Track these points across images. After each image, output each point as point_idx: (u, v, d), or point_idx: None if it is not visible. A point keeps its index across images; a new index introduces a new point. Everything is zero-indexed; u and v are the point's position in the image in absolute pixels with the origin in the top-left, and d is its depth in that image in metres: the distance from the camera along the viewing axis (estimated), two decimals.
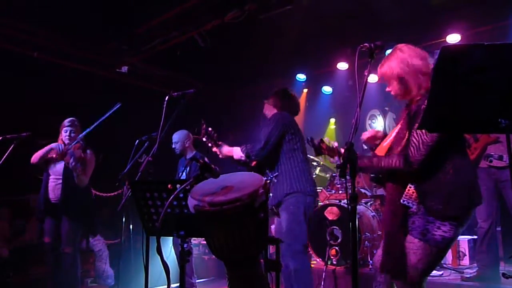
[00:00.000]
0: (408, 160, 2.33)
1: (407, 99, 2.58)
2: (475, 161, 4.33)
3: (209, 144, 3.79)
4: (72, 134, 4.68)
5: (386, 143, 2.60)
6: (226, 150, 3.87)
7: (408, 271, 2.37)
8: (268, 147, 3.74)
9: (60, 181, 4.62)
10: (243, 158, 3.78)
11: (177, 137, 5.12)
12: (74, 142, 4.61)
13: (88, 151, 4.74)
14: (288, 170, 3.78)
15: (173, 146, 5.13)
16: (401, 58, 2.50)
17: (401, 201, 2.41)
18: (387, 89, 2.61)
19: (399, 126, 2.59)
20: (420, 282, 2.39)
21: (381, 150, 2.60)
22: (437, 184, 2.33)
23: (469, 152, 4.35)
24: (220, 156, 3.87)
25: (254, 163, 3.81)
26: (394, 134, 2.59)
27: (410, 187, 2.38)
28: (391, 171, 2.42)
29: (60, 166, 4.64)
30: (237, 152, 3.81)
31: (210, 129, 3.66)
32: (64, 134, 4.69)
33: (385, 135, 2.81)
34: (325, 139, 2.64)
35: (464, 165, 2.40)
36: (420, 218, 2.38)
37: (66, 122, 4.74)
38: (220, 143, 3.79)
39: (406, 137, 2.43)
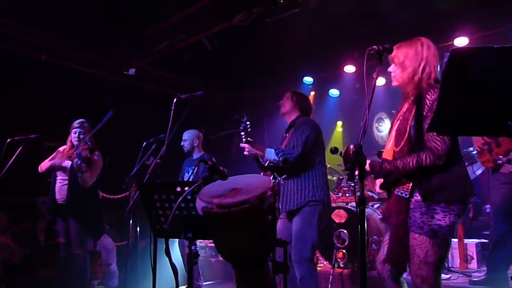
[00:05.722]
0: (437, 153, 2.34)
1: (404, 89, 2.63)
2: (497, 166, 4.27)
3: (242, 137, 3.67)
4: (81, 136, 4.68)
5: (390, 145, 2.60)
6: (258, 148, 3.68)
7: (421, 269, 2.37)
8: (305, 150, 3.64)
9: (66, 181, 4.63)
10: (275, 161, 3.64)
11: (187, 135, 5.13)
12: (82, 144, 4.62)
13: (96, 152, 4.73)
14: (314, 177, 3.73)
15: (182, 144, 5.14)
16: (418, 51, 2.54)
17: (395, 192, 2.49)
18: (389, 68, 2.65)
19: (397, 122, 2.59)
20: (436, 281, 2.38)
21: (387, 153, 2.59)
22: (443, 175, 2.38)
23: (490, 157, 4.30)
24: (246, 152, 3.69)
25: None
26: (394, 133, 2.59)
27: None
28: (417, 169, 2.38)
29: (66, 166, 4.64)
30: (269, 154, 3.65)
31: (248, 123, 3.60)
32: (73, 136, 4.70)
33: None
34: (351, 146, 2.40)
35: (459, 156, 2.50)
36: (415, 212, 2.41)
37: (76, 123, 4.74)
38: (251, 139, 3.63)
39: (408, 131, 2.45)
